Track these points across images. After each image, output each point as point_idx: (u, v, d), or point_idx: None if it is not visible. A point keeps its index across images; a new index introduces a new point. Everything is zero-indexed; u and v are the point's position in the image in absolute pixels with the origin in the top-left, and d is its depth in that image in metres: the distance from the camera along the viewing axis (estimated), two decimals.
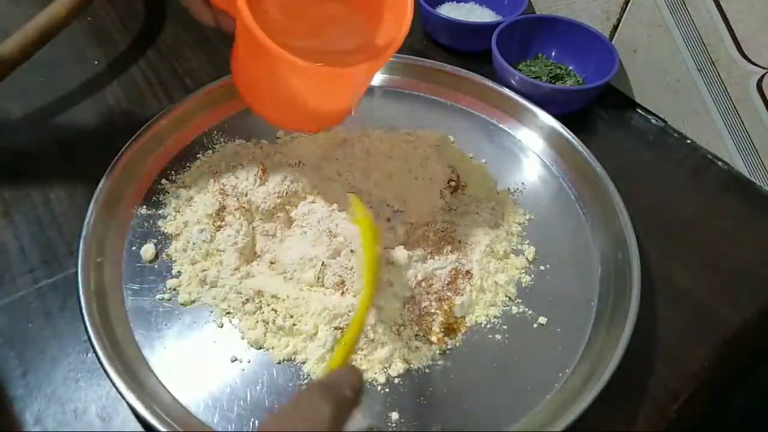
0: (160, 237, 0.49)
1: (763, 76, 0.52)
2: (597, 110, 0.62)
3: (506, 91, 0.58)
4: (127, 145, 0.51)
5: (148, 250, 0.47)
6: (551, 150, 0.56)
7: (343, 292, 0.44)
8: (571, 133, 0.55)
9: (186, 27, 0.68)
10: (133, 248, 0.48)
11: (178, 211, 0.50)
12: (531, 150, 0.57)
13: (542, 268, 0.48)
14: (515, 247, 0.49)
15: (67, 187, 0.52)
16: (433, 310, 0.44)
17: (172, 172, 0.53)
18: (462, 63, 0.62)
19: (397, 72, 0.61)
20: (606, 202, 0.50)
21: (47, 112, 0.59)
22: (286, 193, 0.49)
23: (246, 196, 0.49)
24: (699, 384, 0.44)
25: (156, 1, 0.71)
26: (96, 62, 0.64)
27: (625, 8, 0.59)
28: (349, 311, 0.43)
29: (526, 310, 0.46)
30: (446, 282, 0.46)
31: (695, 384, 0.44)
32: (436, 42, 0.68)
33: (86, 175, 0.50)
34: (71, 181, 0.52)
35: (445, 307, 0.45)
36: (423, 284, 0.45)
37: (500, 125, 0.59)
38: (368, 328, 0.42)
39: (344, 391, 0.30)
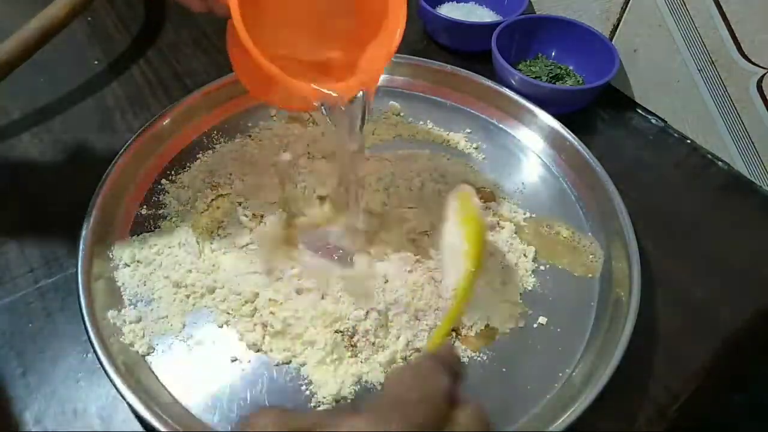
0: None
1: (763, 76, 0.52)
2: (597, 110, 0.62)
3: (506, 90, 0.58)
4: (127, 145, 0.51)
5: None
6: (551, 150, 0.56)
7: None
8: (571, 132, 0.55)
9: (186, 27, 0.68)
10: None
11: (178, 212, 0.50)
12: (531, 150, 0.57)
13: (542, 268, 0.48)
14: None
15: (67, 187, 0.52)
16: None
17: (172, 172, 0.53)
18: (462, 63, 0.62)
19: (397, 72, 0.61)
20: (606, 202, 0.50)
21: (47, 112, 0.59)
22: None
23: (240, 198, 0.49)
24: (699, 384, 0.44)
25: (156, 1, 0.71)
26: (96, 62, 0.64)
27: (625, 8, 0.59)
28: (347, 316, 0.43)
29: (527, 310, 0.46)
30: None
31: (695, 384, 0.44)
32: (436, 42, 0.68)
33: (86, 175, 0.50)
34: (71, 181, 0.52)
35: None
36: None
37: (500, 125, 0.58)
38: (372, 331, 0.42)
39: (455, 366, 0.30)
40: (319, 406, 0.40)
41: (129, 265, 0.46)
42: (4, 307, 0.45)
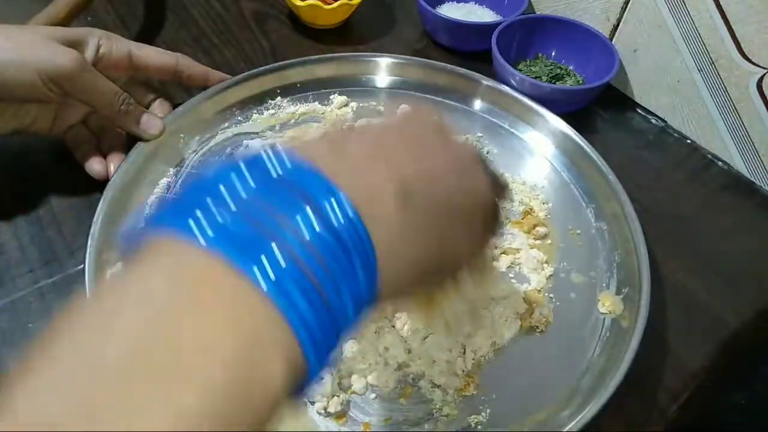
0: None
1: (763, 76, 0.52)
2: (597, 110, 0.62)
3: (511, 91, 0.57)
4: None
5: None
6: (559, 152, 0.55)
7: None
8: (580, 135, 0.54)
9: (186, 26, 0.68)
10: None
11: None
12: (539, 152, 0.56)
13: (550, 270, 0.48)
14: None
15: (67, 186, 0.52)
16: None
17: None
18: (462, 63, 0.62)
19: (398, 73, 0.61)
20: (616, 206, 0.49)
21: None
22: None
23: None
24: (699, 384, 0.44)
25: (156, 1, 0.71)
26: None
27: (625, 8, 0.59)
28: None
29: (531, 315, 0.45)
30: None
31: (695, 384, 0.44)
32: (436, 42, 0.68)
33: (86, 175, 0.50)
34: (71, 181, 0.52)
35: None
36: None
37: (510, 129, 0.57)
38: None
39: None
40: None
41: None
42: (4, 307, 0.45)
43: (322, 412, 0.39)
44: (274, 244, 0.19)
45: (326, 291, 0.20)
